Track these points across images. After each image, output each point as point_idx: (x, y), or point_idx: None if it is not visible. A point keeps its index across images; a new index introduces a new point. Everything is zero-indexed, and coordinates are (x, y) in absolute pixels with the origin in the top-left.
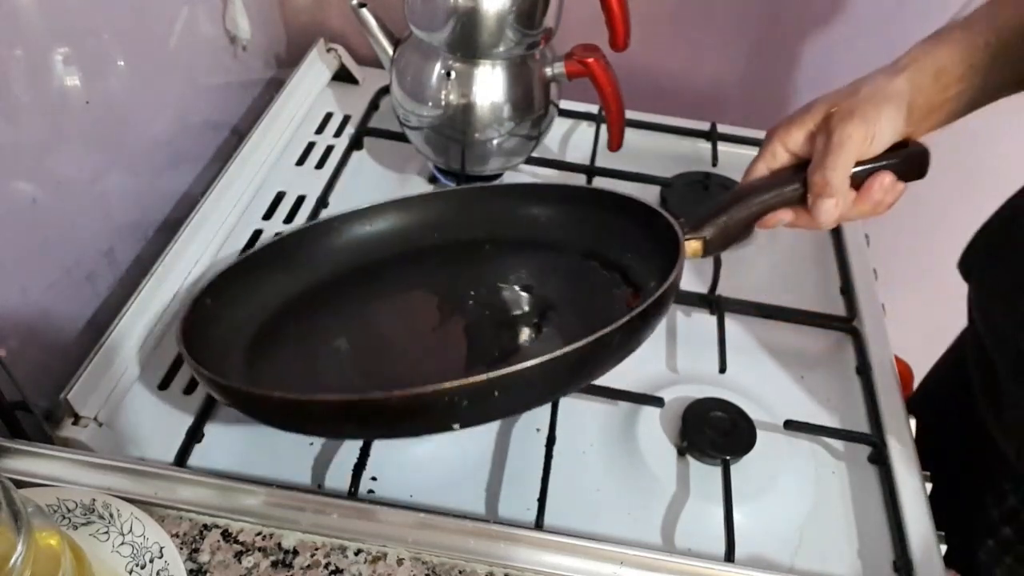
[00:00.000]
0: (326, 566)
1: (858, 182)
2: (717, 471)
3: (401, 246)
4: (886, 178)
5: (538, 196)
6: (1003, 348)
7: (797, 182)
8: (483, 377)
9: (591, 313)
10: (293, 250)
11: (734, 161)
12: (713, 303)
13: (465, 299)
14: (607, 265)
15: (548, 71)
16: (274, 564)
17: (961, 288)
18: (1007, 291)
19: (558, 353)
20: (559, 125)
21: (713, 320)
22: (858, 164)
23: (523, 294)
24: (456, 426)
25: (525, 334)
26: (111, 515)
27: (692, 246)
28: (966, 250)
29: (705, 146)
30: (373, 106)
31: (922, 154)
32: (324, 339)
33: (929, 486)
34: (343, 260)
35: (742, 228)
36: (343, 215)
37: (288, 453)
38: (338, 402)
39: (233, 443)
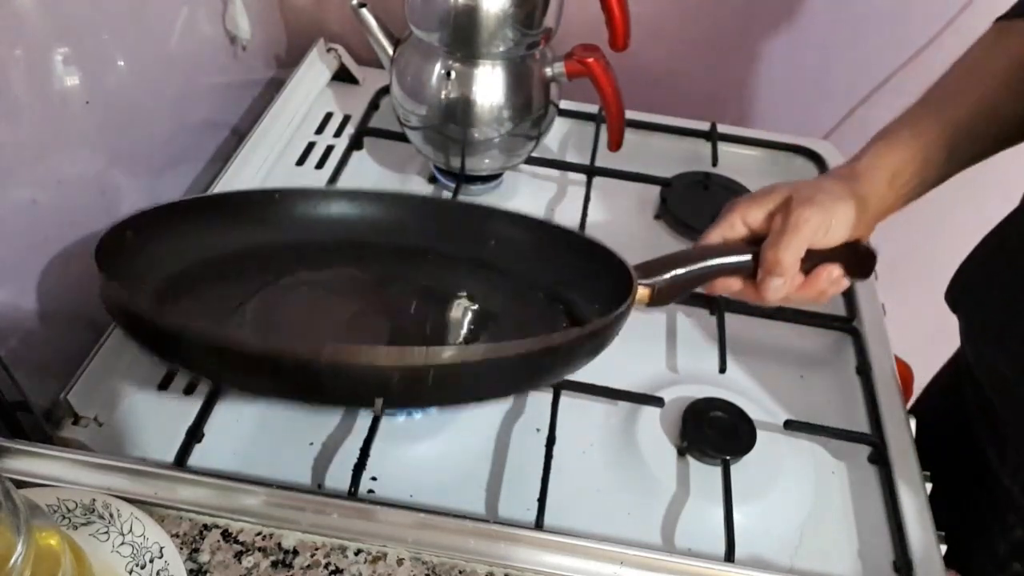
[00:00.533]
0: (326, 566)
1: (807, 269)
2: (717, 471)
3: (344, 234)
4: (834, 271)
5: (494, 220)
6: (1001, 389)
7: (750, 255)
8: (422, 352)
9: (528, 332)
10: (234, 208)
11: (734, 161)
12: (713, 303)
13: (396, 295)
14: (552, 297)
15: (548, 71)
16: (274, 564)
17: None
18: (996, 328)
19: (506, 349)
20: (559, 125)
21: (713, 320)
22: (809, 252)
23: (461, 303)
24: (379, 402)
25: (456, 338)
26: (111, 515)
27: (641, 292)
28: (952, 281)
29: (705, 146)
30: (373, 106)
31: (869, 256)
32: (240, 301)
33: (929, 486)
34: (282, 233)
35: (691, 286)
36: (293, 189)
37: (288, 453)
38: (260, 351)
39: (233, 443)
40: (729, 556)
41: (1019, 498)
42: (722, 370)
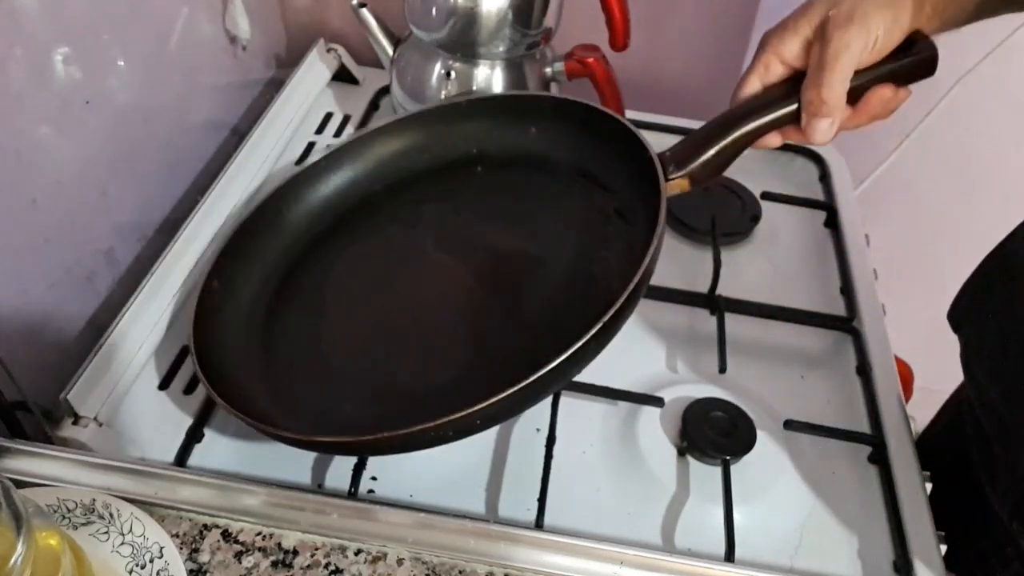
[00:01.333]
0: (326, 566)
1: (856, 95)
2: (717, 471)
3: (392, 176)
4: (886, 91)
5: (524, 109)
6: (992, 416)
7: (790, 102)
8: (463, 413)
9: (583, 270)
10: (280, 210)
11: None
12: (713, 303)
13: (459, 248)
14: (597, 184)
15: (548, 71)
16: (274, 564)
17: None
18: (990, 353)
19: (540, 373)
20: None
21: (713, 320)
22: (857, 73)
23: (513, 244)
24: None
25: (515, 303)
26: (111, 515)
27: (679, 184)
28: (954, 301)
29: None
30: (373, 106)
31: (930, 55)
32: (327, 307)
33: (929, 486)
34: (333, 206)
35: (732, 156)
36: (324, 159)
37: (288, 453)
38: (335, 443)
39: (233, 443)
40: (729, 556)
41: (1009, 527)
42: (722, 370)
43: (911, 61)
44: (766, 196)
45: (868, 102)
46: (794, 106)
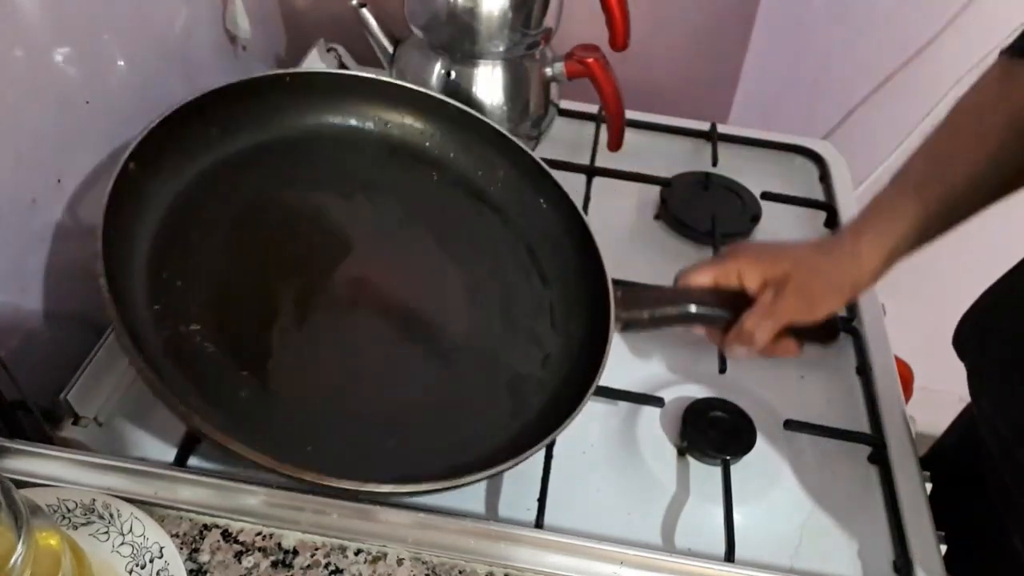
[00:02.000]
0: (326, 566)
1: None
2: (717, 471)
3: (350, 135)
4: (792, 345)
5: (508, 150)
6: (1002, 450)
7: (728, 314)
8: (376, 489)
9: (507, 365)
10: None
11: (734, 161)
12: None
13: (387, 250)
14: (538, 268)
15: (548, 71)
16: (274, 564)
17: (961, 288)
18: (995, 384)
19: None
20: (559, 125)
21: None
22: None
23: (445, 281)
24: None
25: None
26: (111, 515)
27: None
28: (959, 325)
29: (705, 146)
30: None
31: (834, 331)
32: (238, 235)
33: (929, 486)
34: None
35: (661, 325)
36: (290, 77)
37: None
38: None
39: None
40: (729, 556)
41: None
42: (722, 370)
43: (817, 332)
44: (766, 196)
45: (777, 345)
46: (728, 319)
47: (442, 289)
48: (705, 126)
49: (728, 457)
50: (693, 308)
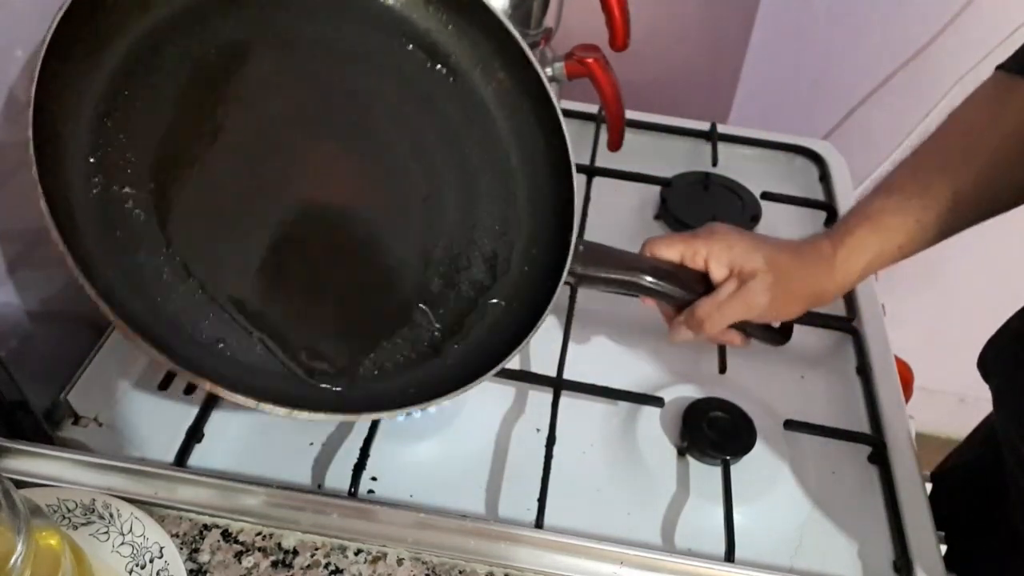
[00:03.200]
0: (326, 566)
1: None
2: (717, 471)
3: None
4: (736, 337)
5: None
6: (1020, 467)
7: (686, 295)
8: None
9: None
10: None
11: (734, 161)
12: None
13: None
14: (510, 185)
15: (548, 71)
16: (274, 564)
17: (961, 289)
18: (1019, 408)
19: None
20: None
21: None
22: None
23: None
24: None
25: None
26: (111, 515)
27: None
28: (985, 347)
29: (705, 146)
30: None
31: (787, 333)
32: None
33: (929, 486)
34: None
35: (620, 289)
36: None
37: (288, 453)
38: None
39: (233, 443)
40: (729, 556)
41: None
42: (722, 370)
43: (769, 331)
44: (766, 196)
45: (721, 337)
46: (683, 299)
47: (401, 199)
48: (705, 126)
49: (728, 457)
50: (648, 279)
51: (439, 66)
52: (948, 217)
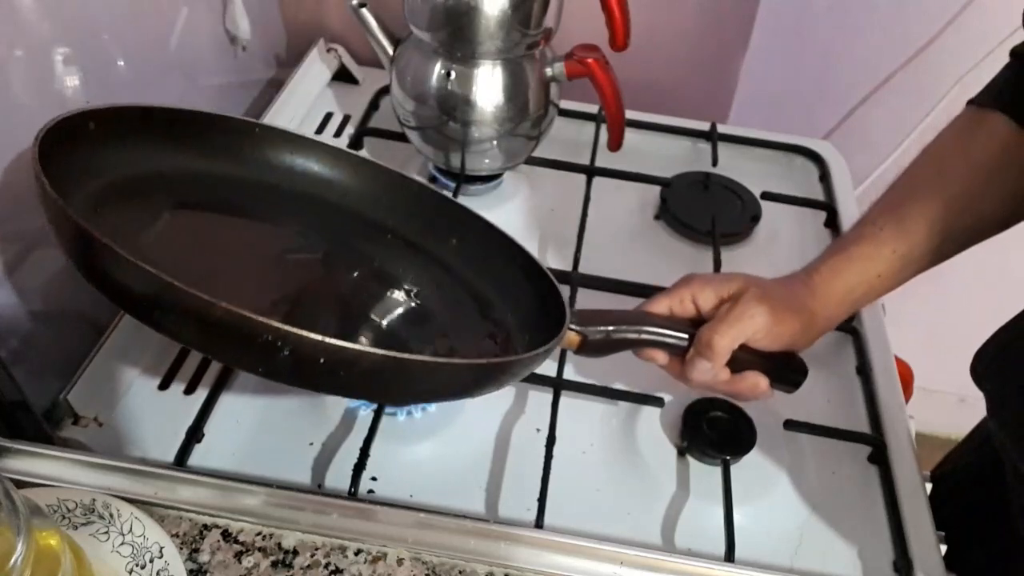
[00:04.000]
0: (326, 566)
1: (736, 368)
2: (717, 471)
3: (311, 189)
4: (762, 381)
5: (463, 220)
6: (1015, 474)
7: (687, 335)
8: (317, 338)
9: (449, 340)
10: (208, 130)
11: (734, 161)
12: None
13: (341, 262)
14: (488, 312)
15: (548, 71)
16: (274, 564)
17: (961, 289)
18: (1016, 412)
19: (405, 356)
20: (559, 125)
21: None
22: (746, 354)
23: (397, 293)
24: (261, 370)
25: (379, 323)
26: (111, 515)
27: (572, 337)
28: (977, 353)
29: (705, 146)
30: (373, 106)
31: (801, 372)
32: (178, 227)
33: (929, 486)
34: (248, 169)
35: (623, 347)
36: (275, 128)
37: (288, 453)
38: (158, 279)
39: (233, 443)
40: (729, 556)
41: None
42: None
43: (788, 366)
44: (766, 196)
45: (744, 379)
46: (687, 339)
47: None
48: (705, 126)
49: (728, 457)
50: (649, 330)
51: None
52: (925, 247)
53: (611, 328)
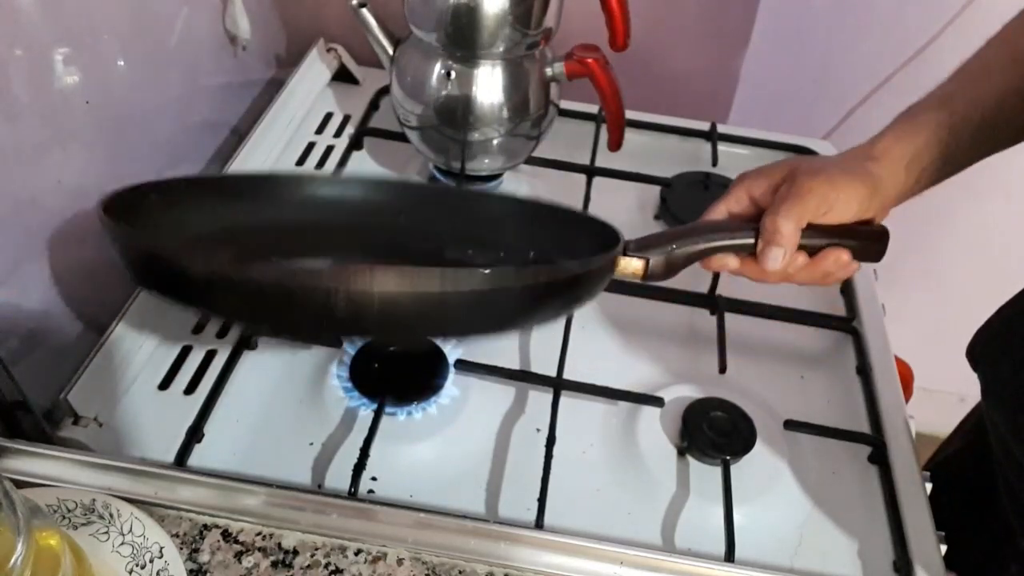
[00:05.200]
0: (326, 566)
1: (813, 251)
2: (717, 471)
3: (366, 218)
4: (842, 255)
5: (485, 202)
6: (1014, 466)
7: (751, 231)
8: (364, 268)
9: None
10: (257, 188)
11: (734, 161)
12: (713, 303)
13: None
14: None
15: (548, 71)
16: (274, 564)
17: (960, 289)
18: (1009, 396)
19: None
20: (559, 125)
21: (713, 320)
22: (818, 233)
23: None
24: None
25: None
26: (111, 515)
27: (633, 264)
28: (974, 337)
29: (705, 146)
30: (373, 106)
31: (881, 238)
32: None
33: (929, 486)
34: (300, 214)
35: (687, 262)
36: (306, 175)
37: (288, 453)
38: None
39: (233, 443)
40: (729, 556)
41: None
42: (722, 370)
43: (865, 237)
44: None
45: (825, 258)
46: (752, 235)
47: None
48: (705, 126)
49: (728, 457)
50: (712, 238)
51: None
52: (993, 121)
53: (672, 246)
